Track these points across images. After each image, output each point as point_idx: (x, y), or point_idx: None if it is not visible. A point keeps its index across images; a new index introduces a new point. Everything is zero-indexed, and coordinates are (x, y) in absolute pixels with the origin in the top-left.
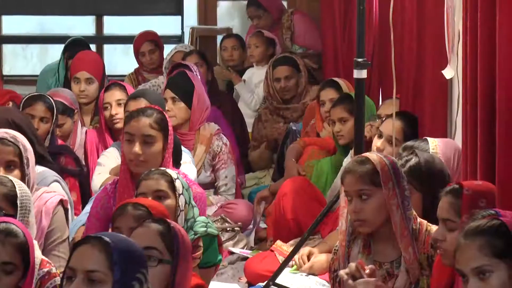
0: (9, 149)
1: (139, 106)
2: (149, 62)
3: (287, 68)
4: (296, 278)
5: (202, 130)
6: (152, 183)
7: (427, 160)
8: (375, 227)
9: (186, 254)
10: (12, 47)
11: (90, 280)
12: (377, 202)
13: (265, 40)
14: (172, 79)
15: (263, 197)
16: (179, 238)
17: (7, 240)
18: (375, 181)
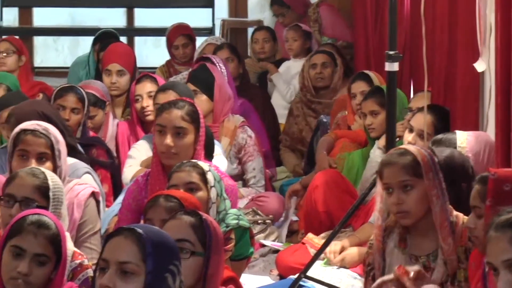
0: (41, 141)
1: (168, 98)
2: (182, 55)
3: (325, 56)
4: (328, 271)
5: (226, 123)
6: (183, 175)
7: (447, 157)
8: (417, 219)
9: (218, 246)
10: (43, 39)
11: (123, 271)
12: (419, 193)
13: (302, 34)
14: (193, 73)
15: (294, 191)
16: (211, 230)
17: (39, 231)
18: (416, 172)
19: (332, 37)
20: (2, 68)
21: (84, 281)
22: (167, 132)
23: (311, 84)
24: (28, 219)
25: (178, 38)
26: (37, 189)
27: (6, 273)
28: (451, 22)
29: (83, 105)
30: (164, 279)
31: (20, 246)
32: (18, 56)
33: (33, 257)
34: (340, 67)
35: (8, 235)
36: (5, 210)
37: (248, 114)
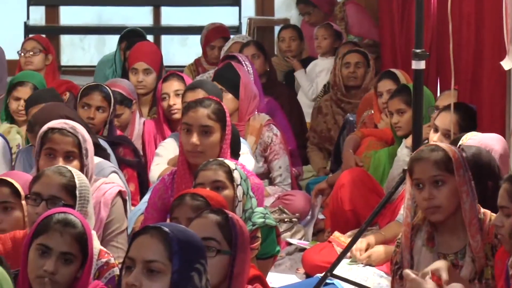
0: (68, 139)
1: (196, 96)
2: (216, 56)
3: (359, 56)
4: (354, 269)
5: (252, 121)
6: (210, 173)
7: (474, 154)
8: (447, 215)
9: (244, 245)
10: (70, 37)
11: (149, 270)
12: (450, 188)
13: (333, 33)
14: (218, 71)
15: (321, 190)
16: (237, 229)
17: (65, 230)
18: (448, 167)
19: (358, 35)
20: (29, 67)
21: (110, 280)
22: (193, 130)
23: (342, 83)
24: (55, 218)
25: (218, 39)
26: (63, 188)
27: (33, 272)
28: (478, 20)
29: (108, 103)
30: (190, 278)
31: (47, 244)
32: (44, 55)
33: (59, 255)
34: (373, 68)
35: (34, 233)
36: (31, 209)
37: (274, 112)
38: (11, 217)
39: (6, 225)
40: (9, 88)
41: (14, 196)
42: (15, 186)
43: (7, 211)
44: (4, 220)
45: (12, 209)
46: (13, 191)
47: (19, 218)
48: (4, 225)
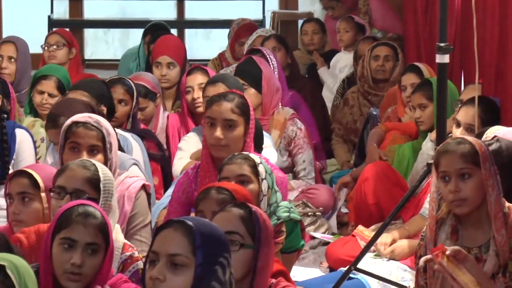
0: (93, 133)
1: (217, 91)
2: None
3: (388, 49)
4: (378, 263)
5: (276, 115)
6: (235, 167)
7: (509, 146)
8: (473, 208)
9: (268, 238)
10: (93, 31)
11: (173, 263)
12: (476, 181)
13: (355, 25)
14: (240, 66)
15: (344, 183)
16: (261, 223)
17: (88, 221)
18: (474, 160)
19: (382, 29)
20: (53, 61)
21: (134, 273)
22: (217, 124)
23: (370, 76)
24: (75, 211)
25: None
26: (88, 181)
27: (59, 267)
28: (502, 14)
29: (131, 97)
30: (214, 272)
31: (71, 237)
32: (68, 48)
33: (85, 247)
34: (401, 61)
35: (55, 228)
36: (55, 202)
37: (298, 105)
38: (29, 208)
39: (24, 216)
40: (33, 82)
41: (33, 188)
42: (35, 178)
43: (26, 202)
44: (23, 211)
45: (31, 200)
46: (32, 182)
47: (38, 209)
48: (22, 216)
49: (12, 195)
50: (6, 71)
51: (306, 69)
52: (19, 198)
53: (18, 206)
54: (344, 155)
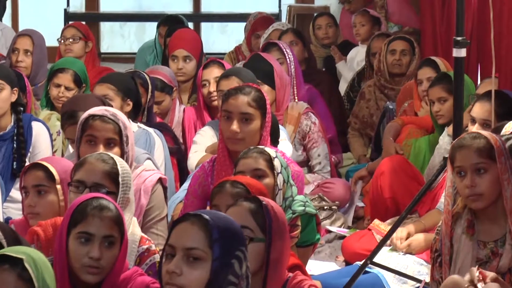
0: (109, 126)
1: (231, 85)
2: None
3: (405, 43)
4: (394, 257)
5: (290, 110)
6: (250, 161)
7: None
8: (488, 203)
9: (280, 231)
10: (110, 24)
11: (189, 257)
12: (492, 176)
13: (370, 19)
14: (249, 64)
15: (360, 177)
16: (272, 216)
17: (103, 214)
18: (490, 155)
19: (398, 23)
20: (69, 54)
21: (151, 266)
22: (233, 118)
23: (386, 70)
24: (90, 204)
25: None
26: (107, 175)
27: (77, 261)
28: None
29: (145, 90)
30: (231, 265)
31: (88, 231)
32: (84, 42)
33: (102, 240)
34: (418, 55)
35: (70, 223)
36: (74, 196)
37: (314, 99)
38: (45, 200)
39: (40, 208)
40: (49, 75)
41: (48, 180)
42: (50, 170)
43: (41, 195)
44: (38, 203)
45: (47, 192)
46: (47, 175)
47: (54, 202)
48: (38, 209)
49: (28, 188)
50: (22, 64)
51: (323, 63)
52: (34, 191)
53: (33, 198)
54: (360, 149)
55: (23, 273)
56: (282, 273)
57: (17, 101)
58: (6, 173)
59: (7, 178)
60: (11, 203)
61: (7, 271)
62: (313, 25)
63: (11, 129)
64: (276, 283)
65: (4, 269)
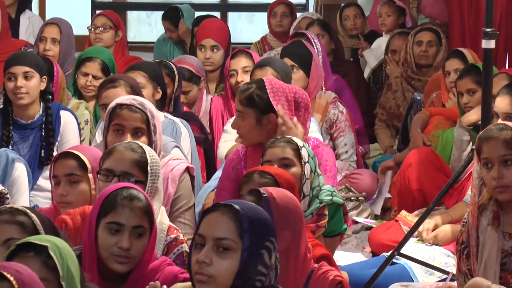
0: (137, 115)
1: (265, 75)
2: (278, 24)
3: (431, 35)
4: (421, 249)
5: (318, 99)
6: (278, 150)
7: None
8: None
9: (285, 222)
10: (137, 13)
11: (219, 247)
12: None
13: (396, 9)
14: (289, 48)
15: (387, 167)
16: (272, 208)
17: (133, 204)
18: None
19: (430, 16)
20: (99, 43)
21: (179, 256)
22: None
23: (413, 61)
24: (120, 194)
25: (279, 6)
26: (135, 164)
27: (106, 250)
28: None
29: (172, 80)
30: (260, 256)
31: (118, 221)
32: (114, 31)
33: (132, 230)
34: (445, 46)
35: (100, 213)
36: (103, 185)
37: (342, 90)
38: (77, 189)
39: (72, 197)
40: (77, 64)
41: (80, 169)
42: (82, 159)
43: (74, 184)
44: (70, 192)
45: (79, 182)
46: (80, 164)
47: (85, 191)
48: (70, 198)
49: (59, 177)
50: (49, 53)
51: (350, 53)
52: (66, 180)
53: (65, 187)
54: (387, 140)
55: (48, 260)
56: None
57: (46, 89)
58: (33, 162)
59: (35, 167)
60: (38, 192)
61: (32, 258)
62: (340, 15)
63: (40, 118)
64: (297, 273)
65: (29, 256)
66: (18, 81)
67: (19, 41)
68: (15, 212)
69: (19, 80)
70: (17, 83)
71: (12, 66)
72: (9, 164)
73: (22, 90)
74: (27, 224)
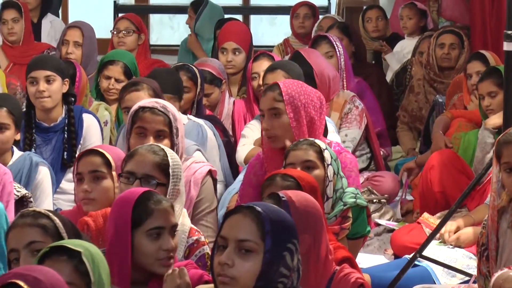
0: (159, 118)
1: (276, 78)
2: (300, 25)
3: (454, 37)
4: (443, 251)
5: (336, 98)
6: (301, 153)
7: None
8: None
9: (304, 225)
10: (159, 16)
11: (241, 249)
12: None
13: (418, 12)
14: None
15: (409, 168)
16: (291, 211)
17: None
18: None
19: (450, 19)
20: (122, 47)
21: (201, 258)
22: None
23: (436, 63)
24: (150, 200)
25: (302, 7)
26: (157, 166)
27: (150, 257)
28: None
29: (194, 83)
30: (282, 257)
31: (159, 226)
32: (137, 35)
33: (170, 229)
34: (467, 49)
35: (133, 223)
36: (125, 187)
37: (363, 92)
38: (101, 186)
39: (96, 194)
40: (99, 67)
41: (105, 166)
42: (106, 157)
43: (98, 180)
44: (95, 189)
45: (103, 178)
46: (104, 161)
47: (110, 188)
48: (94, 194)
49: (83, 174)
50: (71, 56)
51: (373, 56)
52: (90, 176)
53: (90, 184)
54: (409, 142)
55: (80, 266)
56: (321, 266)
57: (68, 92)
58: (56, 165)
59: (58, 169)
60: (61, 195)
61: (64, 262)
62: (362, 18)
63: (62, 120)
64: (318, 276)
65: (62, 259)
66: (40, 85)
67: (41, 44)
68: (38, 215)
69: (41, 84)
70: (39, 87)
71: (33, 70)
72: (33, 167)
73: (44, 94)
74: (49, 227)
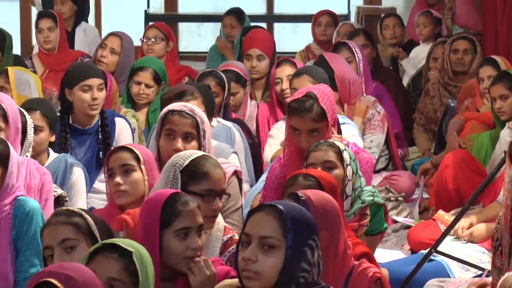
0: (187, 121)
1: (302, 82)
2: (322, 33)
3: (467, 43)
4: (457, 246)
5: (358, 103)
6: (321, 154)
7: None
8: None
9: (322, 222)
10: (187, 25)
11: (264, 245)
12: None
13: (433, 20)
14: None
15: (425, 170)
16: (311, 210)
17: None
18: None
19: (464, 26)
20: (151, 54)
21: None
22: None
23: (450, 68)
24: (177, 201)
25: (323, 16)
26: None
27: (179, 256)
28: None
29: (222, 88)
30: (304, 253)
31: (187, 226)
32: (166, 42)
33: (197, 229)
34: (480, 54)
35: (162, 223)
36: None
37: (382, 96)
38: (131, 179)
39: (127, 186)
40: (130, 73)
41: (134, 160)
42: (135, 152)
43: (128, 173)
44: (126, 181)
45: (133, 171)
46: (133, 156)
47: (140, 180)
48: (125, 186)
49: (114, 169)
50: (104, 60)
51: (390, 61)
52: (121, 170)
53: (121, 177)
54: (425, 143)
55: (130, 265)
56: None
57: None
58: (90, 165)
59: (92, 170)
60: (94, 194)
61: (114, 259)
62: (380, 25)
63: (96, 123)
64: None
65: (113, 257)
66: (95, 93)
67: (75, 51)
68: (71, 214)
69: (95, 92)
70: (94, 95)
71: (88, 78)
72: (68, 169)
73: (96, 102)
74: (82, 225)
